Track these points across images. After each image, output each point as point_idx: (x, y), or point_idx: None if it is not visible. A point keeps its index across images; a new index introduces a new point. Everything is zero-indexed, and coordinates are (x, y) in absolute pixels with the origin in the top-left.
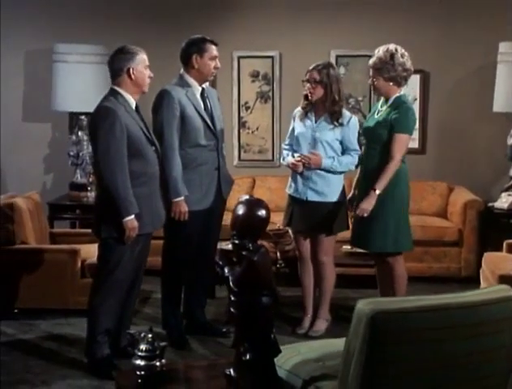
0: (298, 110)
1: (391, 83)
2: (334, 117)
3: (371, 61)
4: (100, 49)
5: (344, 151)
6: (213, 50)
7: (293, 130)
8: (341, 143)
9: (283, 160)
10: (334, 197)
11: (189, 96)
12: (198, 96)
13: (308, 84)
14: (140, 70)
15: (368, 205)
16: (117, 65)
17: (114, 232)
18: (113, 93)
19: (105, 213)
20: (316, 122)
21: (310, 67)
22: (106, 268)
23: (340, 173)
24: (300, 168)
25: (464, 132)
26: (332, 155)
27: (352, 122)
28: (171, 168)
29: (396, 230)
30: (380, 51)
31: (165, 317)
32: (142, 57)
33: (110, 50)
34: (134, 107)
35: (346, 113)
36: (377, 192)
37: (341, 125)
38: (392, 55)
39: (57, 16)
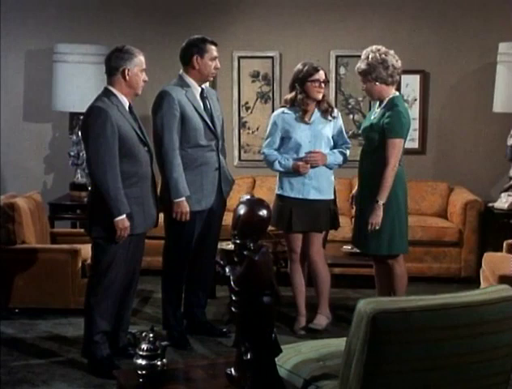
0: (286, 114)
1: (377, 83)
2: (329, 112)
3: (356, 68)
4: (100, 49)
5: (335, 144)
6: (213, 51)
7: (278, 134)
8: (334, 136)
9: (279, 165)
10: (331, 194)
11: (188, 96)
12: (198, 96)
13: (320, 84)
14: (136, 72)
15: (376, 218)
16: (114, 64)
17: (104, 232)
18: (106, 93)
19: (96, 213)
20: (310, 120)
21: (318, 68)
22: (99, 269)
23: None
24: (309, 169)
25: (464, 132)
26: (328, 150)
27: (339, 117)
28: (172, 168)
29: (391, 233)
30: (362, 56)
31: (166, 317)
32: (140, 60)
33: (110, 50)
34: (127, 107)
35: (335, 109)
36: (381, 202)
37: (334, 118)
38: (368, 56)
39: (57, 16)
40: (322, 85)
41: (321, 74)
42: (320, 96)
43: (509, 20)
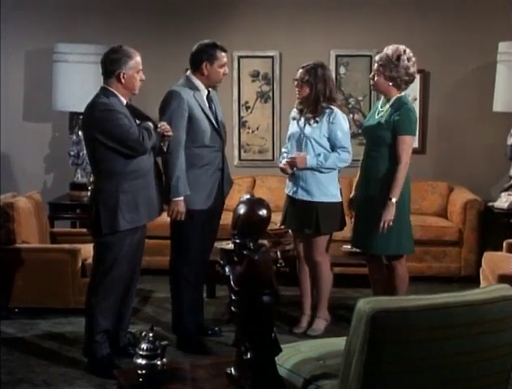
0: (294, 110)
1: (391, 84)
2: (312, 116)
3: (377, 56)
4: (100, 48)
5: (333, 148)
6: (223, 58)
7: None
8: (330, 140)
9: (280, 163)
10: (323, 197)
11: (196, 97)
12: (205, 98)
13: (295, 83)
14: (131, 74)
15: (389, 215)
16: (109, 66)
17: (115, 226)
18: (105, 93)
19: (103, 211)
20: (300, 120)
21: (300, 67)
22: (102, 267)
23: (328, 170)
24: (289, 171)
25: (464, 132)
26: (320, 152)
27: (338, 119)
28: (175, 167)
29: (398, 233)
30: (389, 49)
31: (175, 319)
32: (135, 62)
33: (106, 51)
34: (124, 105)
35: (334, 109)
36: (394, 200)
37: (318, 122)
38: (399, 56)
39: (57, 16)
40: (299, 83)
41: (297, 73)
42: (298, 94)
43: (509, 20)
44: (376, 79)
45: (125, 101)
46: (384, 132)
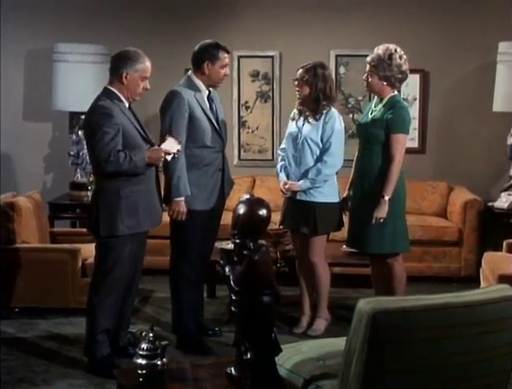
0: (294, 111)
1: (385, 83)
2: (313, 114)
3: (369, 57)
4: (100, 48)
5: (322, 150)
6: (225, 59)
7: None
8: (322, 139)
9: (278, 164)
10: (321, 197)
11: (197, 98)
12: (205, 98)
13: (296, 83)
14: (134, 77)
15: (381, 213)
16: (114, 64)
17: (113, 230)
18: (107, 93)
19: (102, 212)
20: (298, 120)
21: (300, 67)
22: (104, 267)
23: (326, 181)
24: (288, 194)
25: (464, 131)
26: (317, 152)
27: (334, 119)
28: (175, 167)
29: (393, 231)
30: (379, 49)
31: (175, 319)
32: (143, 67)
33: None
34: (127, 106)
35: (332, 109)
36: (387, 198)
37: (317, 121)
38: (390, 55)
39: (57, 16)
40: (299, 83)
41: (297, 73)
42: (298, 94)
43: (509, 20)
44: (370, 79)
45: (127, 103)
46: (377, 130)
